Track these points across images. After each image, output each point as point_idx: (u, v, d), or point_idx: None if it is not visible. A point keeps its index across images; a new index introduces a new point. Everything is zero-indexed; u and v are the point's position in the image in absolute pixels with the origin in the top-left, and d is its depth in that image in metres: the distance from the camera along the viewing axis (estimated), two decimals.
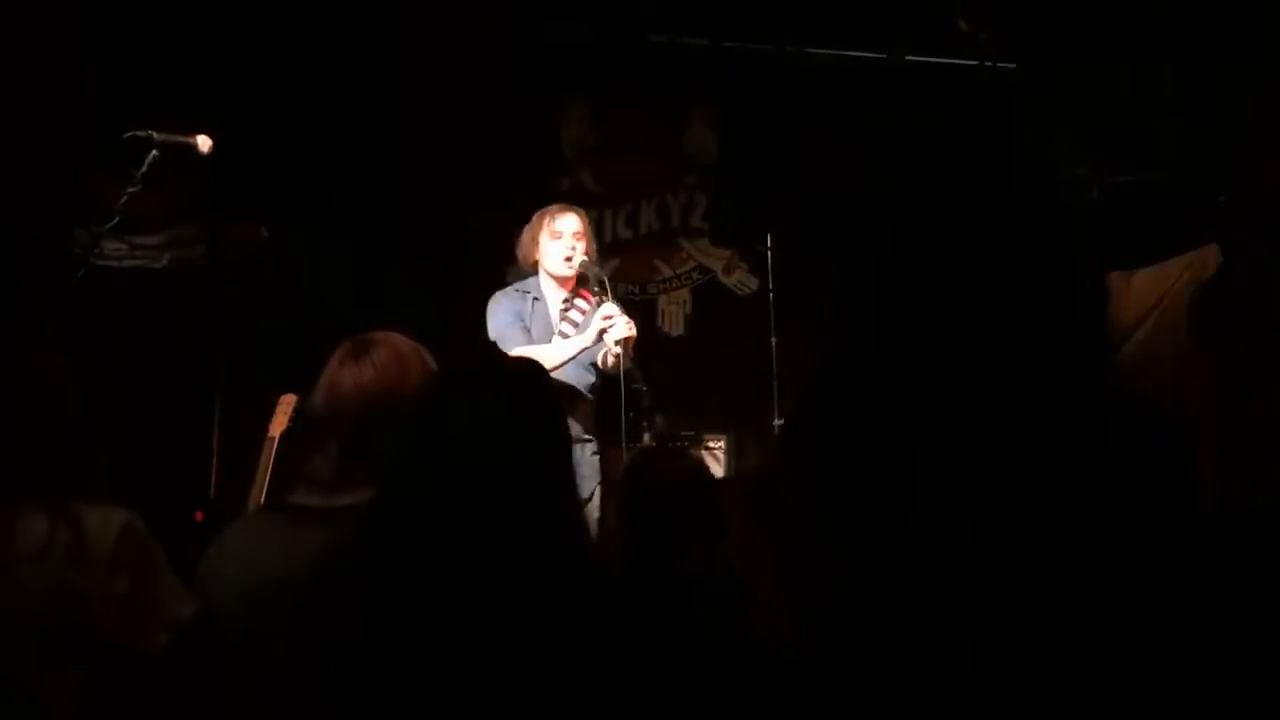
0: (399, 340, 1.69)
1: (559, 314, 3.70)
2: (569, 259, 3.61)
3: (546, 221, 3.66)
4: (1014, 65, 5.61)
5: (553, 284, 3.71)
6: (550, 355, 3.38)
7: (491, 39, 4.93)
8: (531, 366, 1.40)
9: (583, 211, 3.79)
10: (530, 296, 3.69)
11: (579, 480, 1.62)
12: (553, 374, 3.40)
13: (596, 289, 3.66)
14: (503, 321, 3.63)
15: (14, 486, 1.53)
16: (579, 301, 3.71)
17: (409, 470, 1.27)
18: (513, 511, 1.22)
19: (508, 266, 5.16)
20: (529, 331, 3.60)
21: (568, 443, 1.33)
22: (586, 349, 3.54)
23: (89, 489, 1.63)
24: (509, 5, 4.93)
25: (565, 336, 3.63)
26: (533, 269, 3.73)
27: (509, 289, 3.76)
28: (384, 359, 1.64)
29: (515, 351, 3.42)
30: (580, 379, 3.61)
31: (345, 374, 1.63)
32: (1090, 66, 5.32)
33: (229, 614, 1.59)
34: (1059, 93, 5.52)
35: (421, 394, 1.39)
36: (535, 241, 3.67)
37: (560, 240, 3.62)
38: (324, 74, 4.73)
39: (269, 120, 4.61)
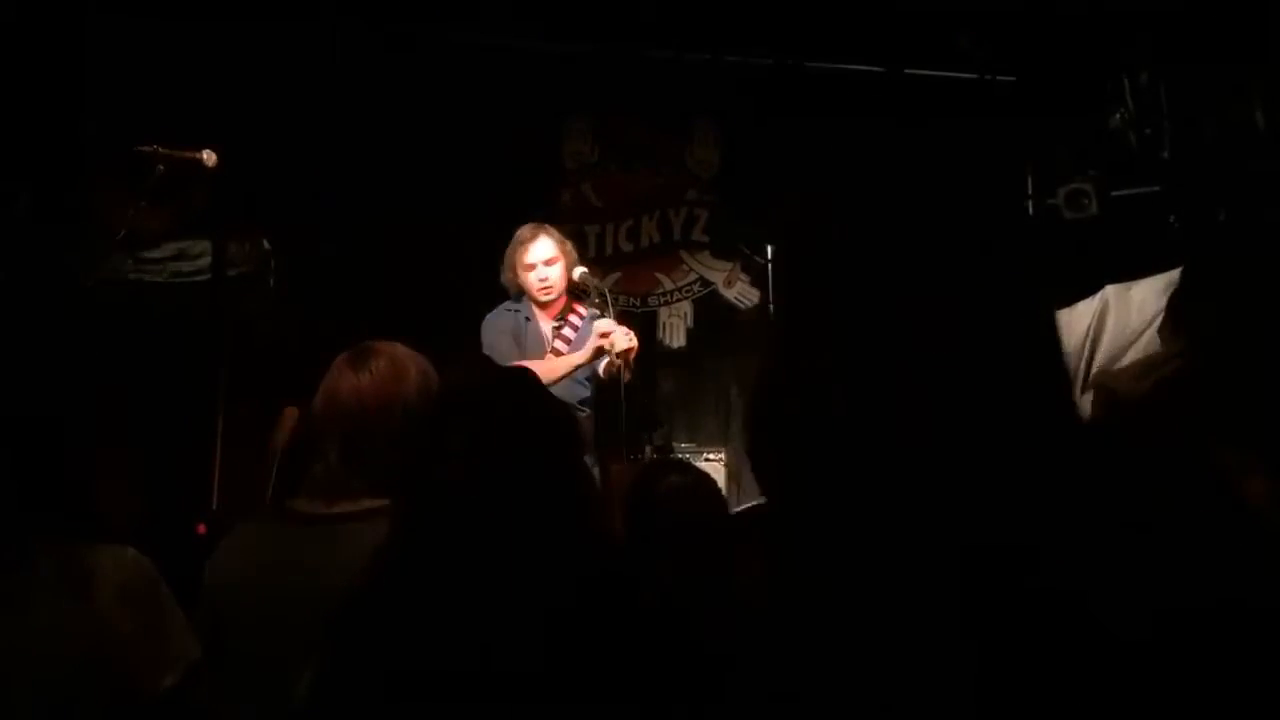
0: (398, 349, 1.71)
1: (552, 332, 3.71)
2: (546, 288, 3.62)
3: (520, 253, 3.65)
4: (1013, 78, 5.64)
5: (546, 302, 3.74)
6: (544, 370, 3.38)
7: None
8: (526, 373, 1.40)
9: (552, 229, 3.74)
10: (523, 315, 3.72)
11: None
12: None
13: (597, 301, 3.67)
14: (495, 340, 3.66)
15: (33, 526, 1.54)
16: (572, 318, 3.72)
17: (424, 482, 1.28)
18: (530, 516, 1.22)
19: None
20: (524, 352, 3.61)
21: (577, 446, 1.34)
22: (581, 365, 3.54)
23: (106, 522, 1.64)
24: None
25: (559, 354, 3.65)
26: (520, 290, 3.74)
27: (502, 307, 3.77)
28: (382, 367, 1.65)
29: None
30: (574, 394, 3.62)
31: (344, 382, 1.65)
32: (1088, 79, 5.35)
33: (232, 621, 1.60)
34: (1058, 106, 5.55)
35: (428, 406, 1.39)
36: (513, 269, 3.68)
37: (534, 271, 3.62)
38: (325, 86, 4.77)
39: (273, 133, 4.65)
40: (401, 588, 1.23)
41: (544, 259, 3.62)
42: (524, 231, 3.71)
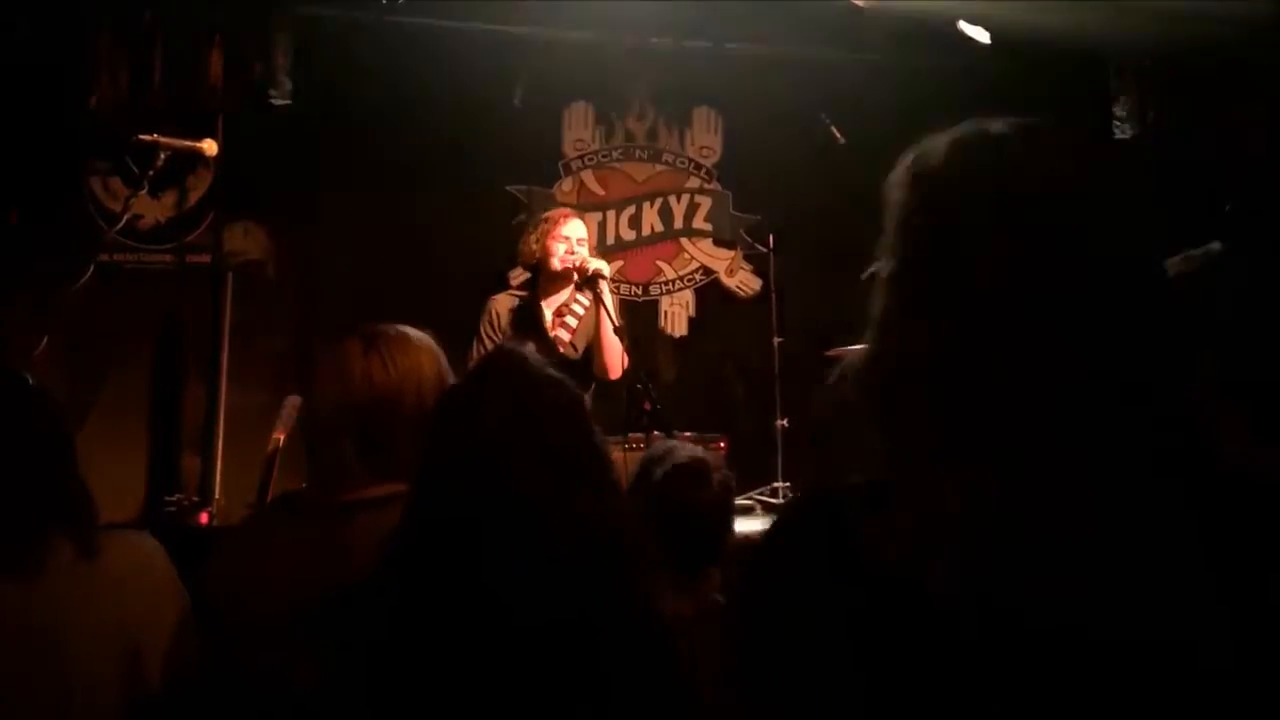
0: (409, 332, 1.67)
1: (553, 318, 3.72)
2: (569, 261, 3.66)
3: (555, 225, 3.74)
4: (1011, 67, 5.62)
5: (551, 287, 3.75)
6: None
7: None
8: (546, 363, 1.37)
9: (583, 220, 3.86)
10: (524, 301, 3.75)
11: None
12: None
13: (613, 290, 3.65)
14: (495, 319, 3.70)
15: (44, 516, 1.56)
16: (575, 307, 3.72)
17: (440, 468, 1.26)
18: (555, 503, 1.21)
19: (509, 269, 5.21)
20: (523, 335, 3.63)
21: (596, 432, 1.32)
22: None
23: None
24: None
25: (560, 341, 3.66)
26: (532, 270, 3.79)
27: (507, 292, 3.83)
28: (394, 351, 1.61)
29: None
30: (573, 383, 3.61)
31: (355, 368, 1.60)
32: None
33: (242, 612, 1.58)
34: (1060, 98, 5.53)
35: (450, 391, 1.36)
36: (539, 243, 3.73)
37: (564, 243, 3.70)
38: (327, 78, 4.75)
39: (273, 124, 4.64)
40: (414, 574, 1.22)
41: (577, 237, 3.70)
42: (556, 212, 3.86)
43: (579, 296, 3.72)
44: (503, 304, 3.75)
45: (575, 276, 3.66)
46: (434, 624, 1.18)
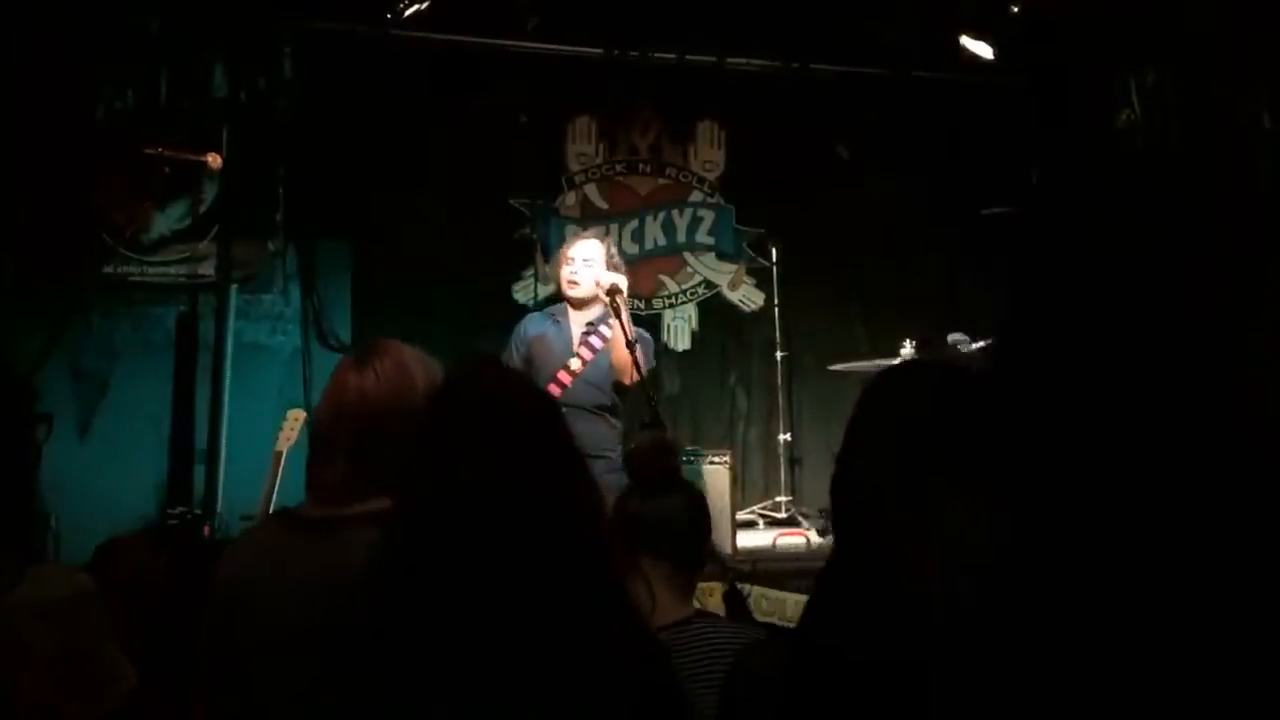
0: (403, 348, 1.67)
1: (579, 338, 3.68)
2: (573, 283, 3.64)
3: (568, 246, 3.78)
4: (1022, 80, 5.63)
5: (576, 308, 3.72)
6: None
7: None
8: (525, 376, 1.38)
9: (603, 236, 3.85)
10: (554, 318, 3.75)
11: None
12: (563, 393, 3.45)
13: (613, 302, 3.54)
14: (522, 336, 3.70)
15: None
16: (603, 329, 3.68)
17: (424, 480, 1.26)
18: (533, 516, 1.21)
19: (513, 282, 5.23)
20: (549, 352, 3.63)
21: (576, 447, 1.31)
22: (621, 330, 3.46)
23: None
24: None
25: (583, 360, 3.62)
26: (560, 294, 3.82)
27: (540, 312, 3.85)
28: (388, 367, 1.61)
29: None
30: (592, 398, 3.60)
31: (349, 383, 1.60)
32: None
33: (241, 627, 1.58)
34: (1066, 107, 5.53)
35: (429, 401, 1.36)
36: (554, 270, 3.82)
37: (569, 265, 3.66)
38: (331, 92, 4.77)
39: (280, 137, 4.66)
40: (396, 590, 1.22)
41: (583, 257, 3.66)
42: (582, 230, 3.96)
43: (609, 321, 3.61)
44: (534, 322, 3.75)
45: (602, 296, 3.55)
46: (420, 634, 1.18)
